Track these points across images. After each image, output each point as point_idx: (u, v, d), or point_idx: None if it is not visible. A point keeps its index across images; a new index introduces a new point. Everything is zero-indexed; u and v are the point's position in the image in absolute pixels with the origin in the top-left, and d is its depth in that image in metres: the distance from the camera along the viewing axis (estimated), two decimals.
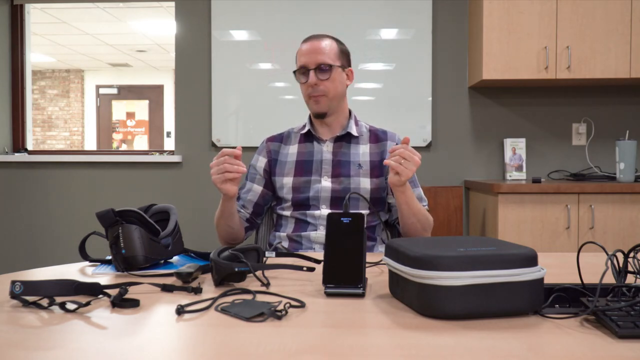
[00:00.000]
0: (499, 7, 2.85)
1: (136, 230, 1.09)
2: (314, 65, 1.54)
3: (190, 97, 3.31)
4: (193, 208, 3.30)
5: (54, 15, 6.20)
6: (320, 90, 1.54)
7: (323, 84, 1.54)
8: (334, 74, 1.55)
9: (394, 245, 0.87)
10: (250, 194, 1.64)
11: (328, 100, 1.56)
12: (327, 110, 1.58)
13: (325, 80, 1.54)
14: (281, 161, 1.63)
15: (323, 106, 1.57)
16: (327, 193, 1.56)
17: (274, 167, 1.64)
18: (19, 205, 3.41)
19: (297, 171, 1.60)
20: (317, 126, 1.65)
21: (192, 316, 0.80)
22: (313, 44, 1.56)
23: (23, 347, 0.68)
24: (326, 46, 1.56)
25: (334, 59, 1.56)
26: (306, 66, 1.55)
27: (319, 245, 1.54)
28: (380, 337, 0.71)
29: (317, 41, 1.57)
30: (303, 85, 1.58)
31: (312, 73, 1.53)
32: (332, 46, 1.57)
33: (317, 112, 1.58)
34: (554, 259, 1.24)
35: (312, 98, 1.56)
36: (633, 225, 2.61)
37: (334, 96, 1.57)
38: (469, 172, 3.24)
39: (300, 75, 1.57)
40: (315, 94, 1.55)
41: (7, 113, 3.53)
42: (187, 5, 3.30)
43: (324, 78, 1.54)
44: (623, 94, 3.18)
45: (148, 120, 9.95)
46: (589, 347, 0.66)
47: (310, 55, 1.54)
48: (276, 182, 1.62)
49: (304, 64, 1.55)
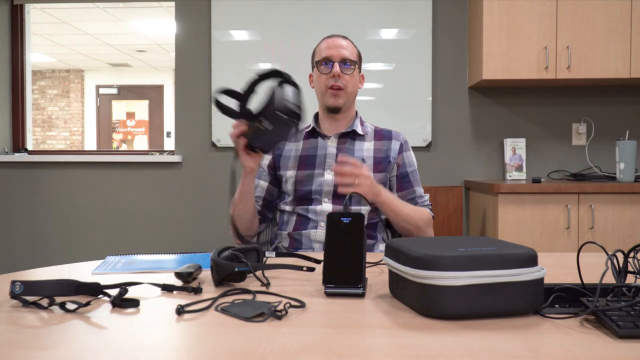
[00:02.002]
0: (499, 7, 2.85)
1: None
2: (338, 59, 1.59)
3: (190, 97, 3.31)
4: (193, 208, 3.30)
5: (54, 15, 6.20)
6: (341, 82, 1.59)
7: (344, 78, 1.59)
8: (355, 72, 1.62)
9: (394, 245, 0.87)
10: (257, 190, 1.68)
11: (346, 95, 1.61)
12: (342, 104, 1.61)
13: (348, 75, 1.59)
14: (285, 156, 1.66)
15: (340, 100, 1.60)
16: (330, 187, 1.58)
17: (279, 162, 1.67)
18: (19, 205, 3.41)
19: (301, 165, 1.62)
20: (322, 123, 1.69)
21: (192, 316, 0.80)
22: (338, 40, 1.63)
23: (23, 347, 0.68)
24: (349, 45, 1.64)
25: (355, 59, 1.63)
26: (330, 58, 1.60)
27: (318, 245, 1.55)
28: (380, 337, 0.71)
29: (341, 39, 1.64)
30: (323, 76, 1.61)
31: (336, 64, 1.58)
32: (353, 47, 1.66)
33: (333, 105, 1.61)
34: (554, 259, 1.24)
35: (331, 90, 1.59)
36: (633, 225, 2.61)
37: (351, 92, 1.63)
38: (469, 172, 3.24)
39: (321, 66, 1.61)
40: (336, 85, 1.58)
41: (7, 113, 3.53)
42: (187, 5, 3.30)
43: (347, 72, 1.60)
44: (623, 94, 3.18)
45: (148, 120, 9.95)
46: (589, 347, 0.66)
47: (337, 49, 1.60)
48: (281, 176, 1.65)
49: (329, 56, 1.60)
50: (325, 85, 1.60)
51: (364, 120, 1.72)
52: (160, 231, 3.33)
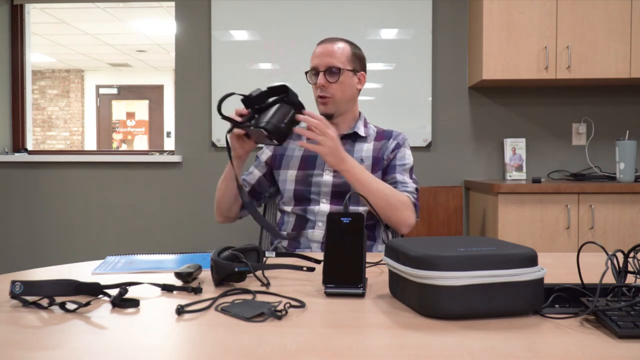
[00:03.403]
0: (499, 7, 2.85)
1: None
2: (323, 68, 1.58)
3: (190, 97, 3.31)
4: (193, 208, 3.30)
5: (54, 15, 6.21)
6: (327, 92, 1.58)
7: (331, 87, 1.58)
8: (342, 77, 1.59)
9: (394, 245, 0.87)
10: (249, 176, 1.69)
11: (334, 103, 1.60)
12: (333, 112, 1.61)
13: (333, 83, 1.58)
14: (287, 155, 1.66)
15: (329, 108, 1.60)
16: (328, 187, 1.58)
17: (279, 161, 1.67)
18: (18, 205, 3.41)
19: (302, 165, 1.63)
20: None
21: (192, 316, 0.80)
22: (326, 46, 1.61)
23: (23, 347, 0.68)
24: (338, 49, 1.60)
25: (344, 63, 1.59)
26: (316, 68, 1.59)
27: (316, 244, 1.55)
28: (380, 337, 0.71)
29: (330, 44, 1.61)
30: (312, 86, 1.62)
31: (321, 75, 1.58)
32: (344, 50, 1.61)
33: (323, 113, 1.61)
34: (554, 259, 1.24)
35: (319, 99, 1.60)
36: (633, 225, 2.61)
37: (341, 99, 1.60)
38: (469, 172, 3.24)
39: (311, 76, 1.62)
40: (322, 95, 1.59)
41: (7, 113, 3.53)
42: (187, 5, 3.30)
43: (332, 81, 1.58)
44: (623, 94, 3.18)
45: (148, 120, 9.95)
46: (589, 347, 0.66)
47: (322, 58, 1.59)
48: (280, 175, 1.65)
49: (315, 66, 1.60)
50: (315, 95, 1.62)
51: (369, 122, 1.71)
52: (160, 231, 3.33)
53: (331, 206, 1.57)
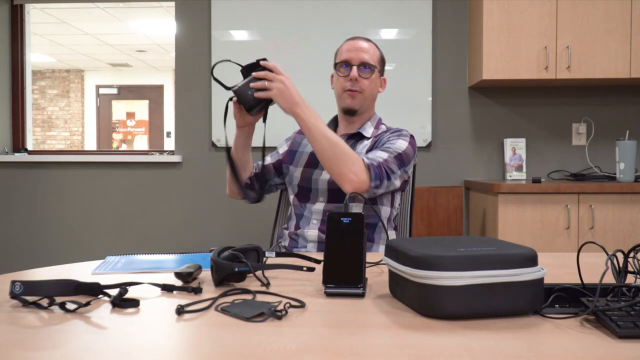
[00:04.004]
0: (499, 7, 2.85)
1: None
2: (357, 62, 1.58)
3: (190, 97, 3.31)
4: (193, 208, 3.30)
5: (54, 15, 6.21)
6: (358, 86, 1.58)
7: (362, 82, 1.58)
8: (373, 76, 1.60)
9: (394, 245, 0.87)
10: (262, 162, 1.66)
11: (363, 98, 1.60)
12: (359, 107, 1.61)
13: (365, 79, 1.59)
14: (300, 152, 1.67)
15: (357, 102, 1.60)
16: (325, 185, 1.57)
17: (291, 157, 1.68)
18: (18, 205, 3.41)
19: (308, 162, 1.63)
20: (340, 125, 1.69)
21: (192, 316, 0.80)
22: (360, 42, 1.62)
23: (23, 347, 0.68)
24: (370, 48, 1.62)
25: (376, 62, 1.62)
26: (349, 61, 1.59)
27: (312, 244, 1.55)
28: (380, 337, 0.71)
29: (363, 41, 1.62)
30: (341, 79, 1.60)
31: (355, 68, 1.58)
32: (375, 50, 1.63)
33: (349, 108, 1.60)
34: (554, 259, 1.24)
35: (348, 92, 1.59)
36: (633, 225, 2.61)
37: (369, 96, 1.62)
38: (469, 172, 3.24)
39: (341, 68, 1.61)
40: (353, 89, 1.58)
41: (7, 113, 3.53)
42: (187, 5, 3.30)
43: (365, 76, 1.59)
44: (623, 94, 3.18)
45: (148, 120, 9.95)
46: (589, 347, 0.66)
47: (356, 52, 1.59)
48: (289, 170, 1.67)
49: (348, 59, 1.59)
50: (343, 87, 1.60)
51: (382, 123, 1.69)
52: (160, 231, 3.33)
53: (327, 204, 1.56)
